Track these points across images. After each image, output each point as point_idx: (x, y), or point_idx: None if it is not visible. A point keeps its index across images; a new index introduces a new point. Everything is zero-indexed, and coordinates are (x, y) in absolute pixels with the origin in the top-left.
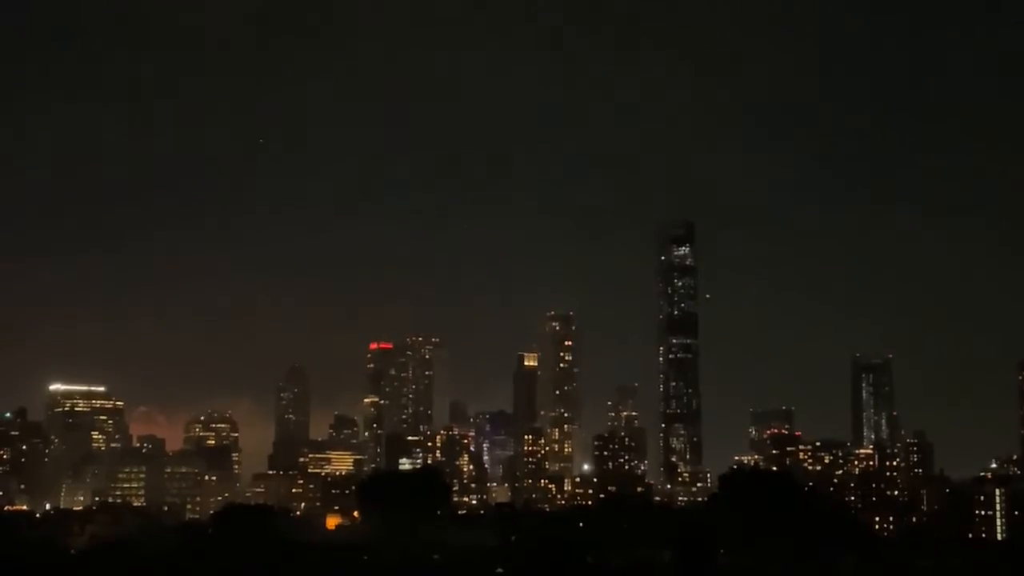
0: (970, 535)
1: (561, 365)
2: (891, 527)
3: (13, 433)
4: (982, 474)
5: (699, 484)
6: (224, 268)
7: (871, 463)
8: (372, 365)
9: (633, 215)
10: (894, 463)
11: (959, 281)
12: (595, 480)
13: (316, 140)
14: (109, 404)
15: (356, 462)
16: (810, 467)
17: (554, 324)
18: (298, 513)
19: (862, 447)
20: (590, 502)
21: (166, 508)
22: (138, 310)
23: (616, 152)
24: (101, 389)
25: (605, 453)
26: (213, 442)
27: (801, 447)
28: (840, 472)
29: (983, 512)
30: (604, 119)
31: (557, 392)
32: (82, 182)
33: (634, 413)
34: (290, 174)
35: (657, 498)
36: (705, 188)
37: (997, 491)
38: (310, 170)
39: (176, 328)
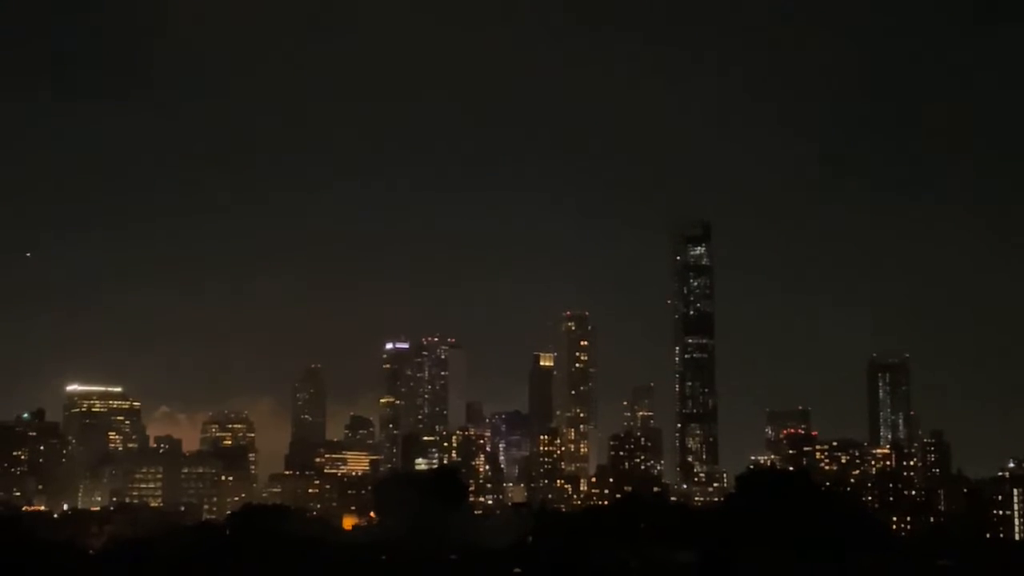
0: (987, 535)
1: (577, 365)
2: (908, 527)
3: (31, 434)
4: (1000, 474)
5: (715, 484)
6: (237, 268)
7: (888, 463)
8: (388, 365)
9: (649, 215)
10: (911, 463)
11: (975, 280)
12: (611, 480)
13: (333, 139)
14: (126, 405)
15: (372, 462)
16: (827, 467)
17: (570, 324)
18: (315, 513)
19: (879, 447)
20: (606, 502)
21: (183, 508)
22: (153, 310)
23: (632, 151)
24: (118, 390)
25: (621, 453)
26: (230, 443)
27: (818, 447)
28: (857, 472)
29: (1001, 512)
30: (620, 117)
31: (573, 392)
32: (100, 182)
33: (650, 413)
34: (305, 173)
35: (673, 498)
36: (722, 188)
37: (1015, 491)
38: (326, 168)
39: (191, 328)
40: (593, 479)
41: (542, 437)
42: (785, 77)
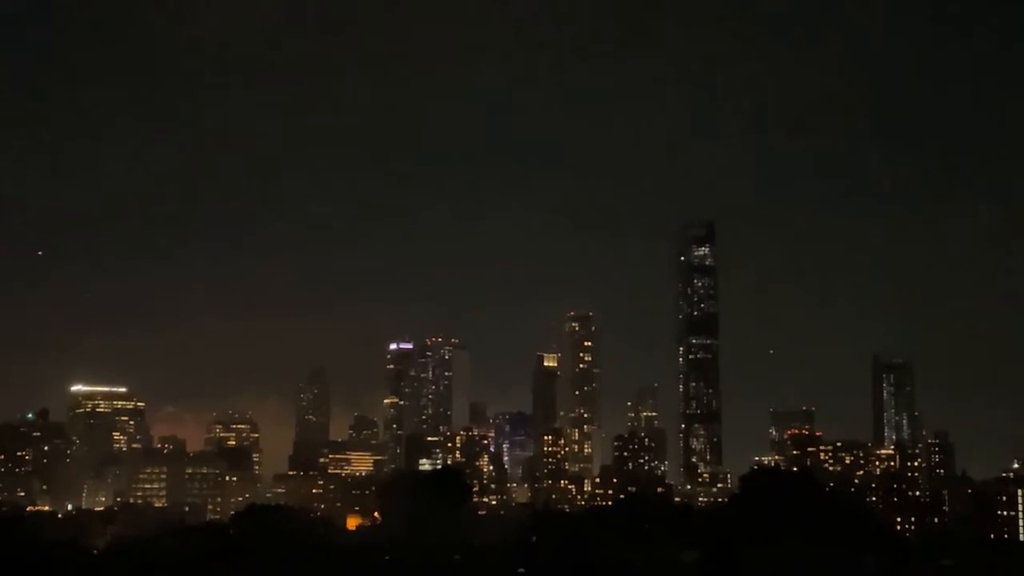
0: (992, 536)
1: (581, 366)
2: (912, 527)
3: (35, 434)
4: (1004, 474)
5: (719, 484)
6: (243, 269)
7: (892, 463)
8: (392, 366)
9: (654, 216)
10: (915, 463)
11: (979, 281)
12: (615, 480)
13: (337, 142)
14: (130, 405)
15: (376, 463)
16: (831, 467)
17: (574, 325)
18: (318, 513)
19: (883, 447)
20: (609, 502)
21: (187, 508)
22: (158, 311)
23: (636, 153)
24: (122, 390)
25: (625, 454)
26: (234, 443)
27: (822, 447)
28: (861, 472)
29: (1005, 513)
30: (624, 119)
31: (577, 393)
32: (103, 187)
33: (654, 413)
34: (311, 175)
35: (677, 499)
36: (726, 188)
37: (1019, 491)
38: (329, 172)
39: (196, 329)
40: (597, 479)
41: (546, 438)
42: (787, 77)
